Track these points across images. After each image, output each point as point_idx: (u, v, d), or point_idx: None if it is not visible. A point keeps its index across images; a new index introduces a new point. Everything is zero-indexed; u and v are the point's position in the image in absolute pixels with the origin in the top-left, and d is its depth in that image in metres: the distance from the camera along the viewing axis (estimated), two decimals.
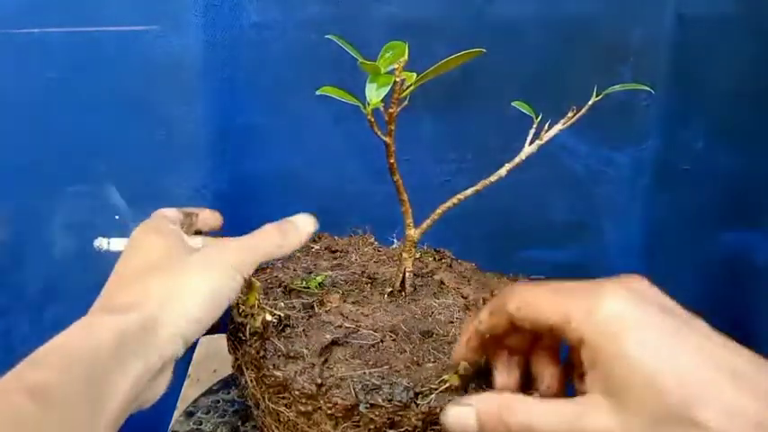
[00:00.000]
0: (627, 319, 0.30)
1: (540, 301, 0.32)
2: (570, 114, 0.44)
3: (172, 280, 0.38)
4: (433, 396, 0.37)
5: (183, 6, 0.65)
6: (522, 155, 0.45)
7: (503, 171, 0.44)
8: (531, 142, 0.44)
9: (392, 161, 0.43)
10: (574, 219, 0.77)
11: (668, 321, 0.30)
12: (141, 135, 0.69)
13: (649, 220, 0.77)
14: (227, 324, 0.45)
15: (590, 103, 0.44)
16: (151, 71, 0.66)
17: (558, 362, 0.36)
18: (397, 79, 0.38)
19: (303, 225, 0.45)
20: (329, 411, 0.37)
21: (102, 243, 0.48)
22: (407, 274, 0.48)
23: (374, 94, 0.37)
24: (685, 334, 0.29)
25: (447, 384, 0.37)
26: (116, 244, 0.48)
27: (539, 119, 0.45)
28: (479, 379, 0.38)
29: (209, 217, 0.49)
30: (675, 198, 0.77)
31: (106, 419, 0.32)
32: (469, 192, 0.45)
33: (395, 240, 0.55)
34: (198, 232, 0.49)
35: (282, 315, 0.42)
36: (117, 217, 0.72)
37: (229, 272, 0.39)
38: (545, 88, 0.72)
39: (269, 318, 0.41)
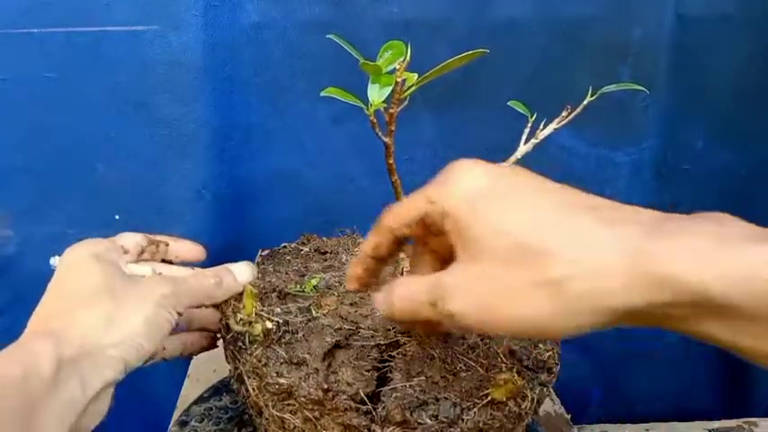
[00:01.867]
0: (475, 181, 0.32)
1: (408, 203, 0.36)
2: (565, 114, 0.44)
3: (109, 307, 0.37)
4: (475, 410, 0.37)
5: (183, 6, 0.65)
6: (518, 153, 0.45)
7: None
8: (526, 141, 0.44)
9: (391, 161, 0.43)
10: None
11: (517, 178, 0.32)
12: (141, 135, 0.69)
13: None
14: (222, 334, 0.45)
15: (585, 102, 0.44)
16: (151, 71, 0.66)
17: (437, 256, 0.38)
18: (398, 80, 0.38)
19: (240, 274, 0.45)
20: (339, 420, 0.37)
21: (56, 261, 0.47)
22: (405, 274, 0.48)
23: (377, 94, 0.38)
24: (535, 184, 0.32)
25: (489, 398, 0.38)
26: None
27: (533, 118, 0.45)
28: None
29: (182, 250, 0.48)
30: (675, 198, 0.77)
31: None
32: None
33: None
34: (168, 261, 0.47)
35: (281, 321, 0.42)
36: (117, 217, 0.72)
37: (163, 303, 0.39)
38: (545, 88, 0.72)
39: (269, 325, 0.41)
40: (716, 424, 0.79)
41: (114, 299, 0.38)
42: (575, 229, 0.28)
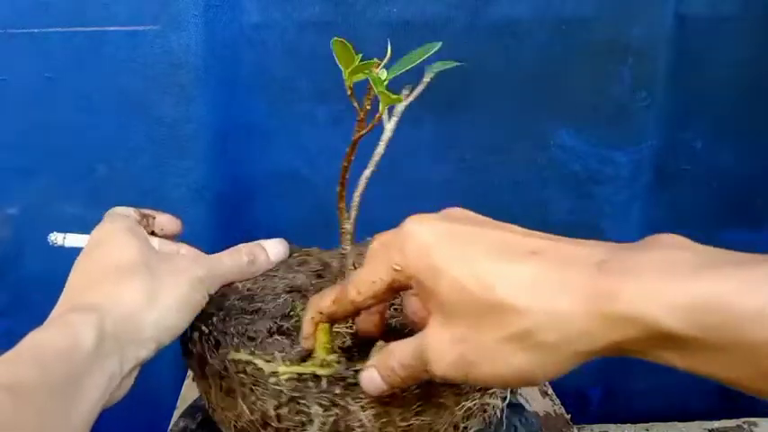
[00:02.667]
0: (429, 240, 0.31)
1: (370, 274, 0.34)
2: (406, 92, 0.41)
3: (148, 284, 0.37)
4: None
5: (183, 6, 0.65)
6: (388, 132, 0.42)
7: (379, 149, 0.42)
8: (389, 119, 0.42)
9: (346, 164, 0.42)
10: (573, 219, 0.77)
11: (466, 229, 0.31)
12: (141, 135, 0.69)
13: (649, 220, 0.77)
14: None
15: (426, 80, 0.40)
16: (151, 71, 0.66)
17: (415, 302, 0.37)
18: (375, 74, 0.37)
19: (274, 251, 0.45)
20: None
21: (57, 238, 0.46)
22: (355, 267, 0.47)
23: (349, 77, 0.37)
24: (483, 234, 0.31)
25: None
26: (72, 240, 0.47)
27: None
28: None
29: (166, 222, 0.47)
30: (675, 198, 0.77)
31: (81, 416, 0.32)
32: (368, 172, 0.44)
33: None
34: (152, 234, 0.47)
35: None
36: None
37: (197, 285, 0.39)
38: (545, 88, 0.72)
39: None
40: (716, 424, 0.78)
41: (152, 275, 0.38)
42: (527, 277, 0.28)
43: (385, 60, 0.38)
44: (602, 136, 0.74)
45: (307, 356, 0.38)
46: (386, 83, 0.38)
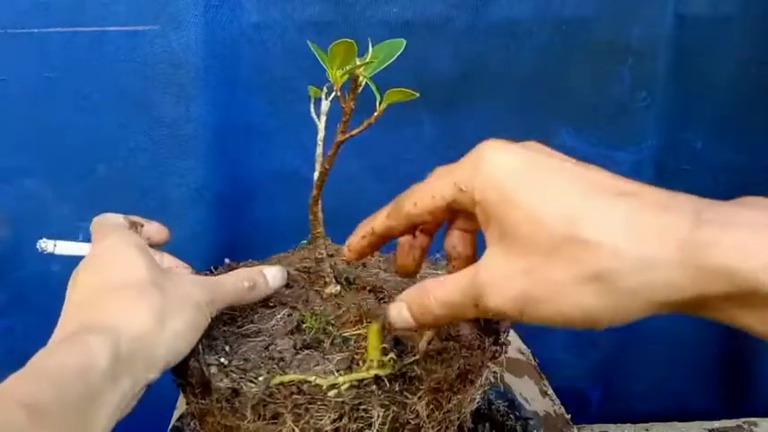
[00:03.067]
0: (507, 166, 0.30)
1: (431, 188, 0.33)
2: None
3: (158, 305, 0.37)
4: None
5: (183, 6, 0.65)
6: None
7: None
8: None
9: (327, 167, 0.42)
10: None
11: (549, 161, 0.30)
12: (141, 135, 0.69)
13: None
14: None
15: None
16: (151, 71, 0.66)
17: (468, 239, 0.36)
18: (356, 74, 0.37)
19: (273, 277, 0.44)
20: None
21: (47, 245, 0.45)
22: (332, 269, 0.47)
23: (336, 73, 0.37)
24: (567, 168, 0.29)
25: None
26: (63, 247, 0.46)
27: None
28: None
29: (154, 232, 0.46)
30: None
31: None
32: (316, 174, 0.44)
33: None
34: None
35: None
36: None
37: (203, 308, 0.39)
38: (545, 88, 0.72)
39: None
40: (716, 424, 0.78)
41: (161, 295, 0.37)
42: (619, 217, 0.26)
43: (367, 59, 0.38)
44: (603, 136, 0.74)
45: (351, 363, 0.38)
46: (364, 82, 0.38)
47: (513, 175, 0.29)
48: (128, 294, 0.37)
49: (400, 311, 0.34)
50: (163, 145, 0.69)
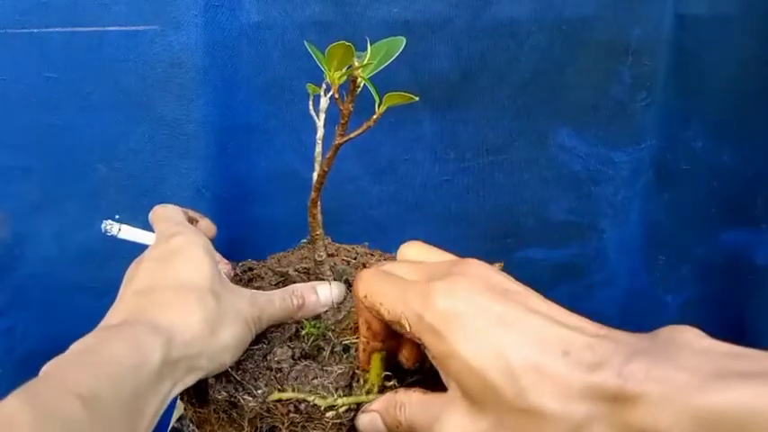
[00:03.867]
0: (453, 317, 0.30)
1: (380, 296, 0.33)
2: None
3: (213, 315, 0.37)
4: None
5: (183, 6, 0.65)
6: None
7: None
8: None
9: (326, 169, 0.41)
10: (573, 219, 0.77)
11: (497, 309, 0.30)
12: (141, 135, 0.69)
13: (648, 220, 0.77)
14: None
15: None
16: (151, 71, 0.66)
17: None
18: (354, 76, 0.37)
19: (325, 297, 0.44)
20: None
21: (112, 227, 0.45)
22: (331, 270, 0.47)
23: (333, 75, 0.37)
24: (514, 320, 0.29)
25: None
26: (127, 233, 0.46)
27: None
28: None
29: (205, 228, 0.47)
30: (675, 198, 0.77)
31: None
32: (315, 175, 0.44)
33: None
34: None
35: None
36: (117, 216, 0.72)
37: (251, 325, 0.39)
38: (545, 88, 0.72)
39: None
40: None
41: (218, 306, 0.38)
42: (559, 382, 0.27)
43: (365, 59, 0.38)
44: (602, 136, 0.74)
45: (351, 381, 0.38)
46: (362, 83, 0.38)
47: (455, 328, 0.29)
48: (188, 298, 0.37)
49: (374, 423, 0.34)
50: (163, 145, 0.69)
